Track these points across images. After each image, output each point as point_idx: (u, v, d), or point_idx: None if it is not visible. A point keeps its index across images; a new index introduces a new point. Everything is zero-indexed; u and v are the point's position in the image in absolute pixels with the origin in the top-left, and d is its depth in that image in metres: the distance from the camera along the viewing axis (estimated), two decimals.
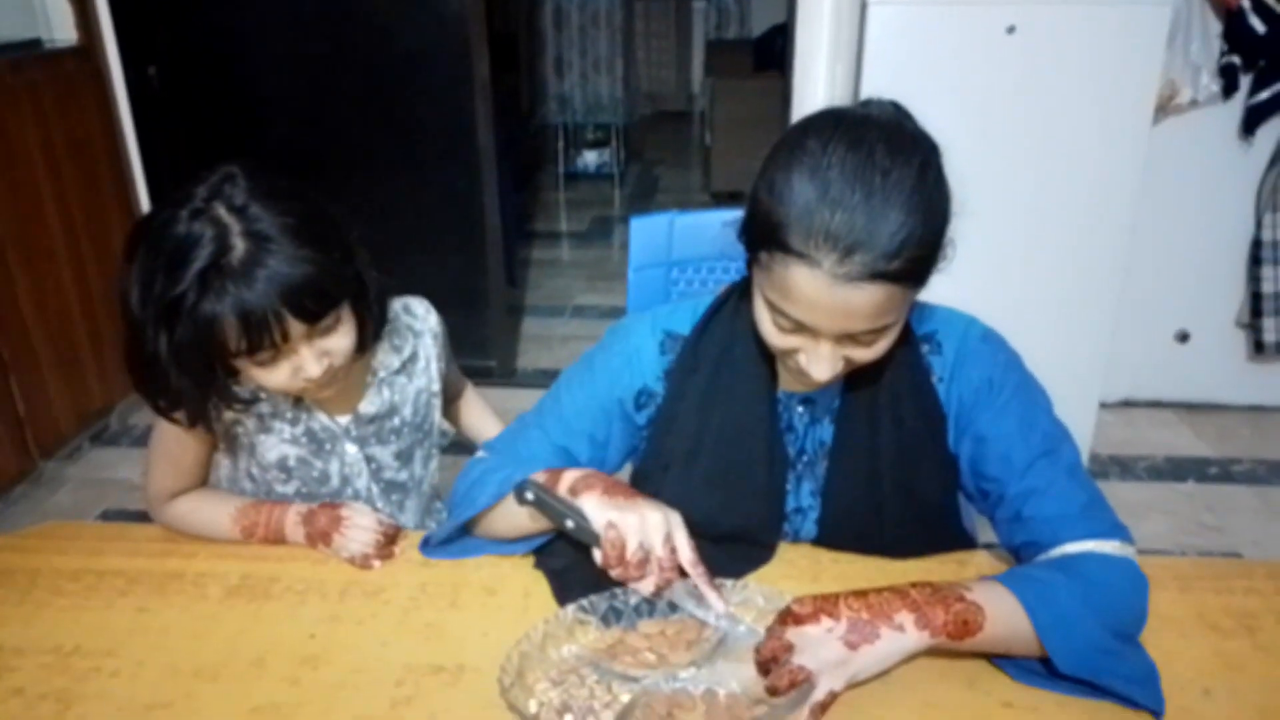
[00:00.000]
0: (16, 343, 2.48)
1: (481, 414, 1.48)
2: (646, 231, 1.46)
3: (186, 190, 0.99)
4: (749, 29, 6.91)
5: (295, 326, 1.00)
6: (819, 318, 0.87)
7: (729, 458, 1.06)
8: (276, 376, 1.04)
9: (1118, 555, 0.93)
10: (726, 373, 1.06)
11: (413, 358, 1.26)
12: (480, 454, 1.13)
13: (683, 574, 0.92)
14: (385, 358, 1.22)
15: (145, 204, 3.00)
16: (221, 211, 0.97)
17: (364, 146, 2.93)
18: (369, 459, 1.24)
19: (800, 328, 0.89)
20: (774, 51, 4.87)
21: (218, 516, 1.13)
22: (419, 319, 1.28)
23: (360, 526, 1.09)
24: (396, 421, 1.25)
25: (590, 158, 6.00)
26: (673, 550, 0.91)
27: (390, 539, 1.11)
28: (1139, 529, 2.37)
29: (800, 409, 1.07)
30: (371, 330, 1.13)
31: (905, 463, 1.04)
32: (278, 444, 1.18)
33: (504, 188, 3.12)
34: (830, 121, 0.87)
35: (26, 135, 2.53)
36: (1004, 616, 0.86)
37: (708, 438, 1.07)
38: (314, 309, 1.00)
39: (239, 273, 0.95)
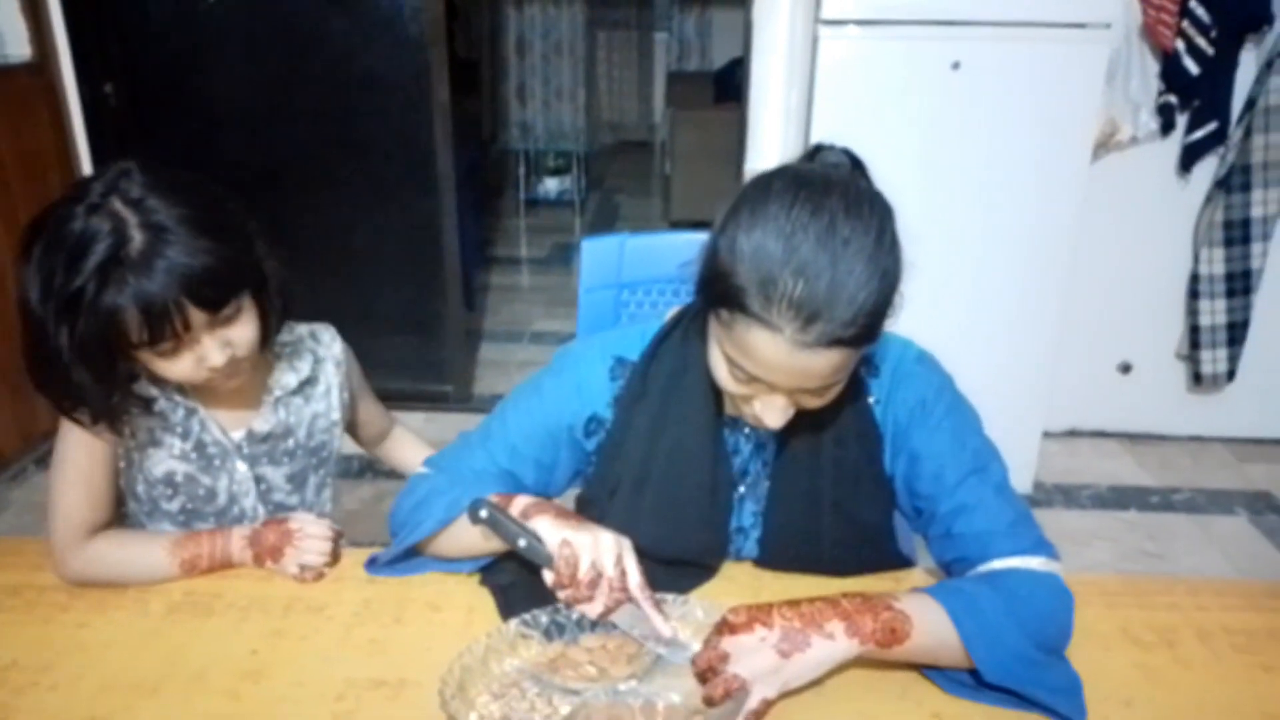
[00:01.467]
0: None
1: (416, 449, 1.46)
2: (598, 253, 1.48)
3: (82, 186, 0.99)
4: (710, 61, 7.01)
5: (196, 316, 1.00)
6: (777, 378, 0.90)
7: (675, 485, 1.08)
8: (180, 367, 1.04)
9: (1043, 571, 0.96)
10: (674, 401, 1.08)
11: (311, 381, 1.26)
12: (423, 470, 1.14)
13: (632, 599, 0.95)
14: (282, 377, 1.22)
15: None
16: (118, 205, 0.97)
17: (322, 168, 2.94)
18: (259, 479, 1.22)
19: (755, 379, 0.92)
20: (733, 83, 4.95)
21: (150, 554, 1.08)
22: (323, 345, 1.28)
23: (313, 536, 1.09)
24: (291, 443, 1.24)
25: (551, 185, 6.05)
26: (623, 573, 0.94)
27: (336, 541, 1.12)
28: (1082, 556, 2.44)
29: (745, 431, 1.10)
30: (275, 323, 1.13)
31: (844, 484, 1.07)
32: (166, 459, 1.16)
33: (463, 213, 3.14)
34: (791, 184, 0.89)
35: None
36: (931, 626, 0.89)
37: (655, 465, 1.08)
38: (214, 298, 1.01)
39: (138, 264, 0.96)
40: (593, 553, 0.94)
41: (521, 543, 0.96)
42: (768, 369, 0.89)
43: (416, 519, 1.06)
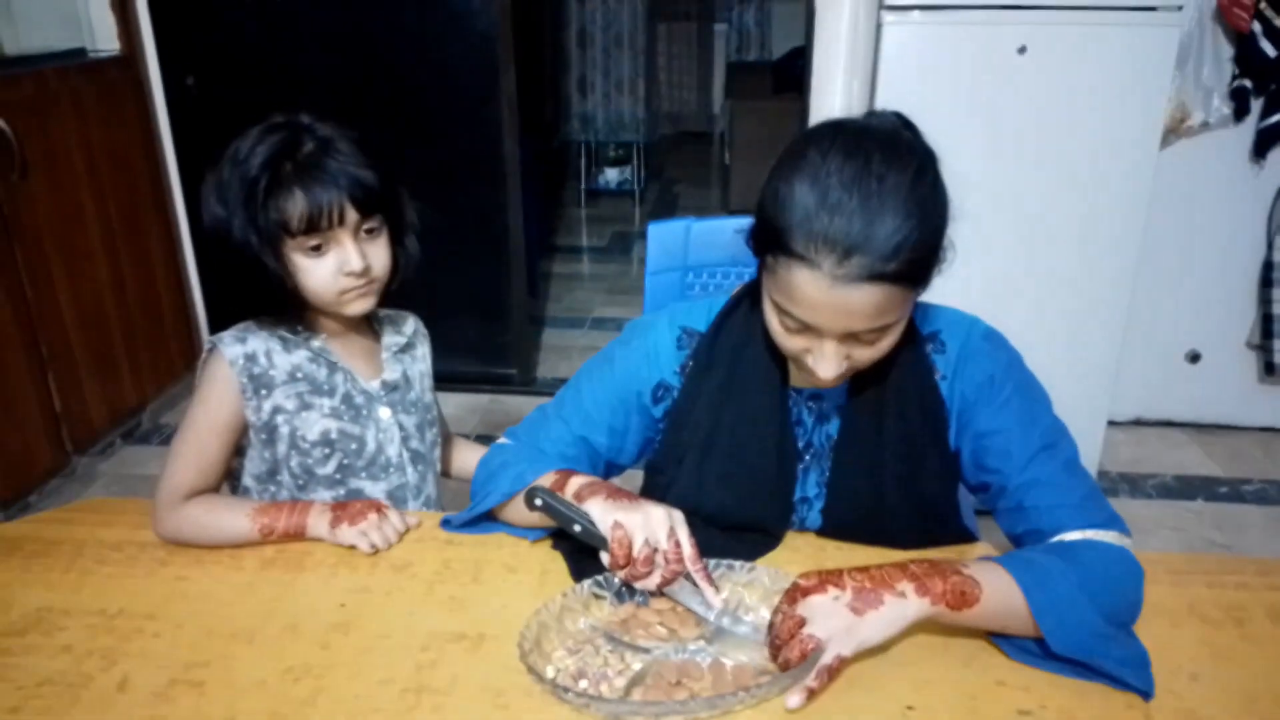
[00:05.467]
0: (55, 341, 2.56)
1: (473, 449, 1.53)
2: (664, 236, 1.52)
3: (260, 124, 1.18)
4: (769, 51, 7.00)
5: (350, 215, 1.15)
6: (821, 318, 0.92)
7: (741, 451, 1.11)
8: (322, 269, 1.17)
9: (1115, 544, 0.97)
10: (740, 370, 1.11)
11: (411, 344, 1.37)
12: (502, 440, 1.19)
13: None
14: (392, 337, 1.34)
15: (181, 209, 3.09)
16: (293, 128, 1.17)
17: (394, 158, 3.00)
18: (400, 425, 1.32)
19: (805, 328, 0.94)
20: (793, 74, 4.91)
21: (235, 519, 1.14)
22: (411, 320, 1.41)
23: (393, 521, 1.15)
24: (413, 395, 1.34)
25: (612, 175, 6.08)
26: (677, 544, 0.97)
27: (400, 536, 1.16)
28: (1148, 544, 2.42)
29: (810, 404, 1.12)
30: (402, 266, 1.25)
31: (907, 457, 1.08)
32: (319, 419, 1.24)
33: (528, 201, 3.19)
34: (830, 131, 0.93)
35: (69, 140, 2.63)
36: (1000, 594, 0.90)
37: (721, 432, 1.11)
38: (368, 202, 1.16)
39: (308, 161, 1.14)
40: (645, 530, 0.96)
41: (576, 528, 1.00)
42: (811, 309, 0.91)
43: (487, 489, 1.12)
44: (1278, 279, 2.73)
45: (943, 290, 1.17)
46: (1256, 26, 2.47)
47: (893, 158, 0.89)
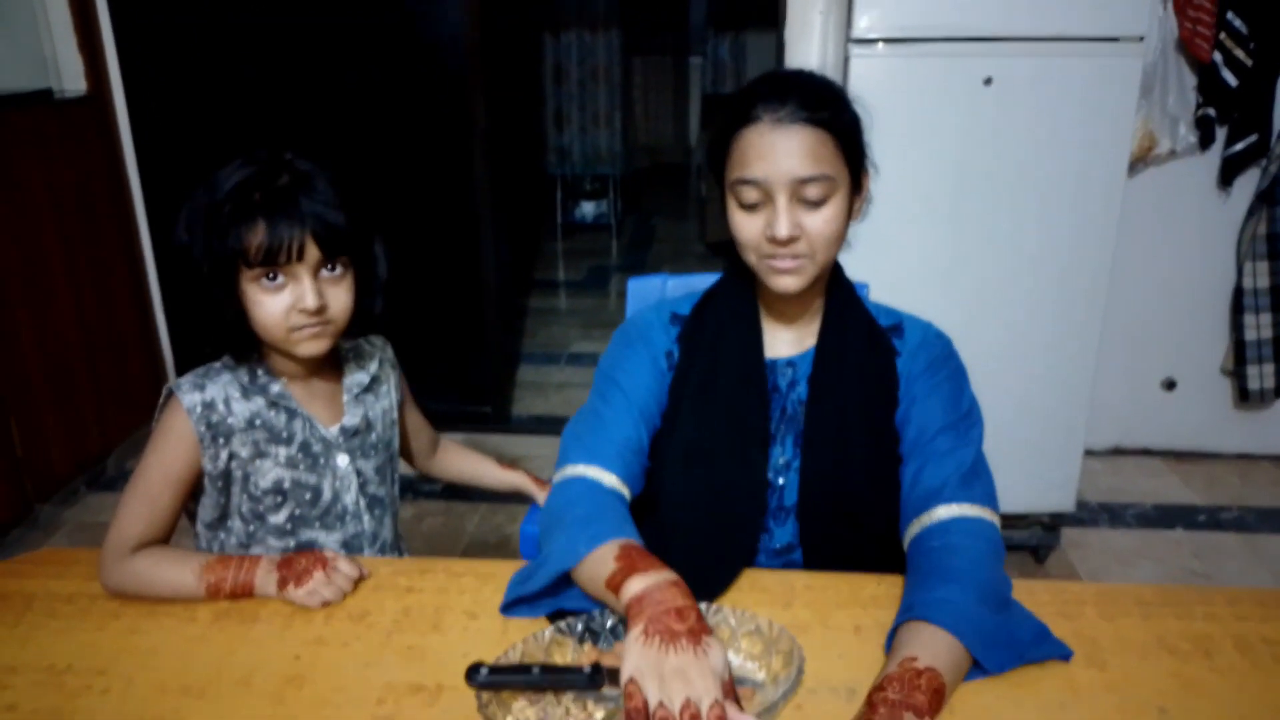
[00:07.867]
0: (17, 385, 2.52)
1: (464, 453, 1.56)
2: (642, 290, 1.60)
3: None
4: (743, 83, 7.03)
5: (310, 252, 1.12)
6: (768, 166, 1.07)
7: (732, 396, 1.21)
8: (275, 304, 1.13)
9: (987, 519, 1.07)
10: (725, 339, 1.23)
11: (376, 380, 1.34)
12: (568, 472, 1.14)
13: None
14: (355, 376, 1.31)
15: (148, 250, 3.06)
16: (273, 161, 1.14)
17: (369, 198, 3.00)
18: (358, 472, 1.29)
19: (760, 201, 1.09)
20: None
21: (181, 574, 1.10)
22: (378, 348, 1.38)
23: (343, 572, 1.11)
24: (373, 437, 1.32)
25: (588, 208, 6.10)
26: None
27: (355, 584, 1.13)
28: (1129, 576, 2.41)
29: (785, 370, 1.23)
30: (363, 315, 1.22)
31: (870, 411, 1.19)
32: (273, 468, 1.22)
33: (503, 235, 3.19)
34: None
35: (33, 181, 2.60)
36: (950, 660, 0.92)
37: (715, 386, 1.22)
38: (333, 244, 1.13)
39: (279, 194, 1.11)
40: (660, 693, 0.84)
41: (533, 682, 0.92)
42: (759, 158, 1.07)
43: (537, 563, 1.06)
44: (1249, 304, 2.75)
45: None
46: (1218, 57, 2.51)
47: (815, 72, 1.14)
